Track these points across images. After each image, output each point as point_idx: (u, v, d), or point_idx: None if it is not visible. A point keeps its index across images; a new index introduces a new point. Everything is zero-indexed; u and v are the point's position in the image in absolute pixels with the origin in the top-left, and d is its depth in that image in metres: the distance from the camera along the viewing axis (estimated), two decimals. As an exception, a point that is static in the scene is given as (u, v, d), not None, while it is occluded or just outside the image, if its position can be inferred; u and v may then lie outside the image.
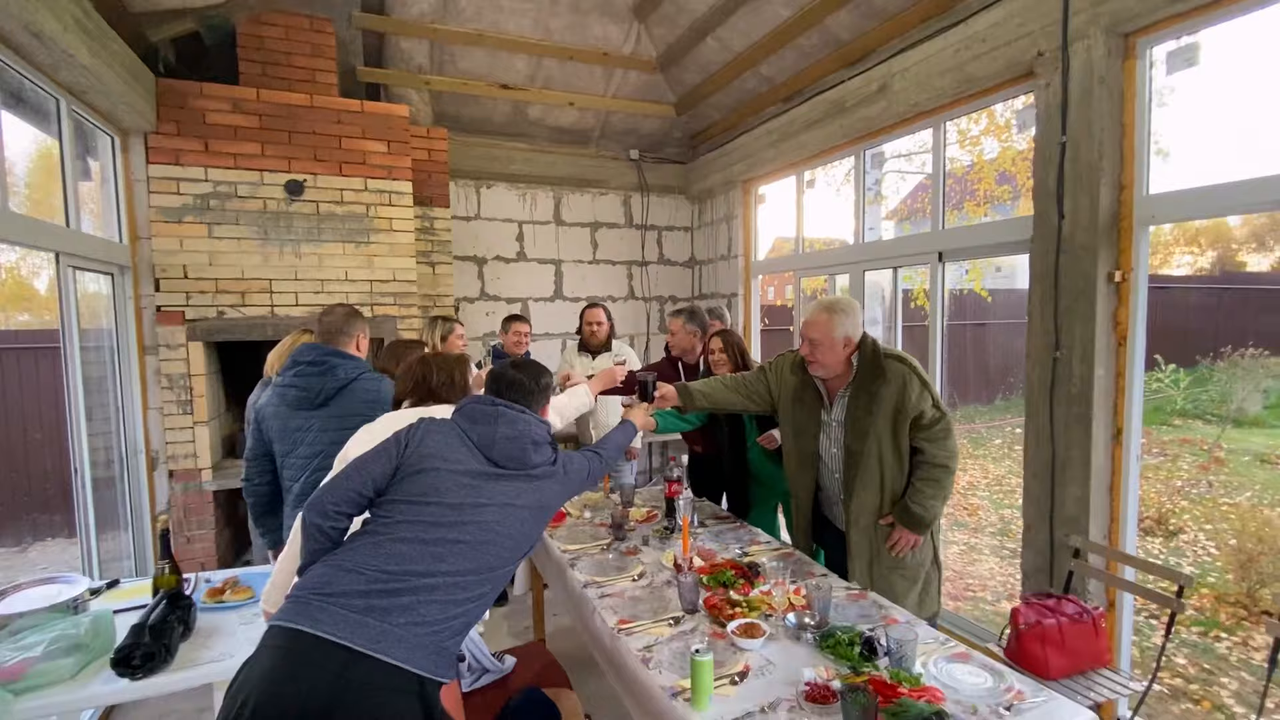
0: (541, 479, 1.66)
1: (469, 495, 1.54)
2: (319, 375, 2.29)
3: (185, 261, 3.49)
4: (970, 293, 8.89)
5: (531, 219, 5.14)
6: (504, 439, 1.63)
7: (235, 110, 3.54)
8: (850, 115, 3.64)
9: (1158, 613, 3.86)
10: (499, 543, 1.54)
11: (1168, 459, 6.98)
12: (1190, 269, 13.77)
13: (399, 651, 1.30)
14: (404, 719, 1.28)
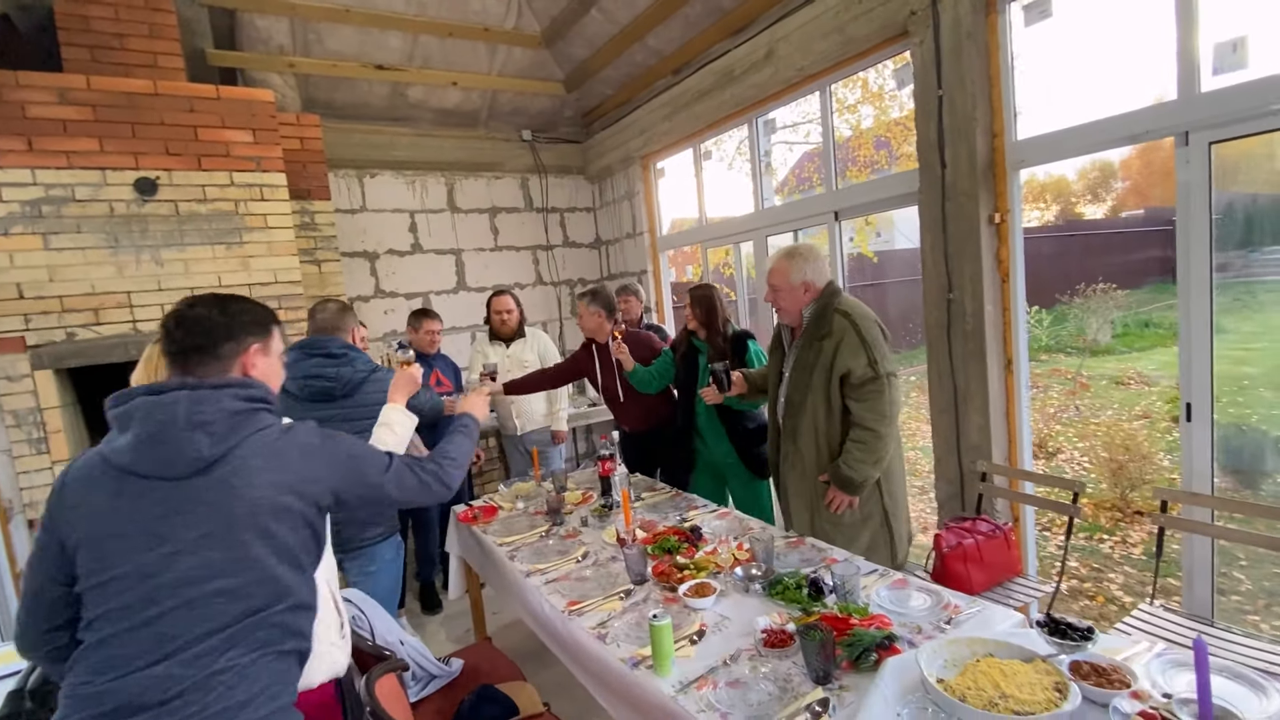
0: (230, 479, 1.16)
1: (146, 547, 1.12)
2: (343, 365, 2.30)
3: (18, 279, 3.01)
4: (858, 255, 9.42)
5: (424, 208, 4.87)
6: (142, 441, 1.14)
7: (62, 101, 3.08)
8: (740, 83, 3.70)
9: (1049, 524, 4.28)
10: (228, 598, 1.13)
11: (1040, 390, 7.73)
12: (1039, 222, 15.33)
13: None
14: None
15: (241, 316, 1.32)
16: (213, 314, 1.28)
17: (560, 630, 1.93)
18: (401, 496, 1.47)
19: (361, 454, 1.42)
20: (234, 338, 1.29)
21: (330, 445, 1.34)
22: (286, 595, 1.19)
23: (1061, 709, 1.19)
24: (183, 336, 1.25)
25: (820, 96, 3.47)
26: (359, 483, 1.38)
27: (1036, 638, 1.44)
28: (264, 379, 1.34)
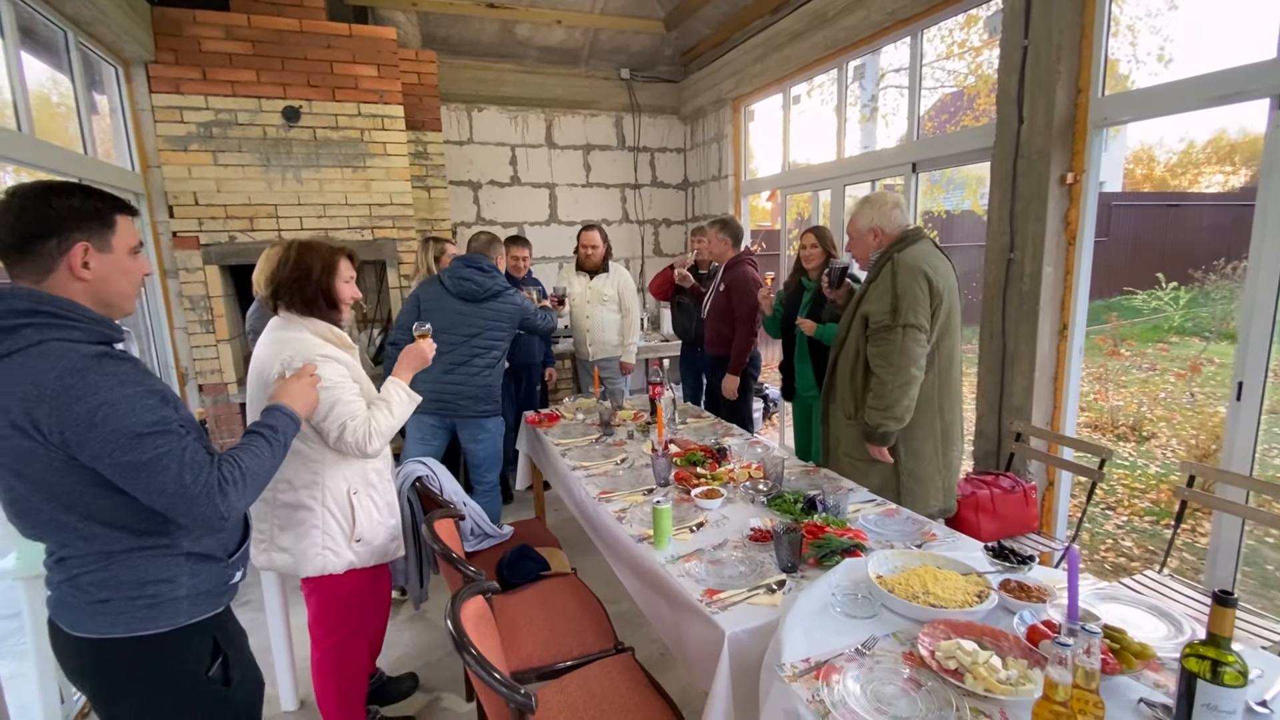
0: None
1: None
2: (487, 277, 2.96)
3: (195, 189, 3.67)
4: (968, 213, 8.87)
5: (524, 142, 5.22)
6: None
7: (228, 37, 3.63)
8: (832, 26, 3.66)
9: (1113, 504, 4.16)
10: (33, 500, 1.13)
11: (1155, 372, 7.15)
12: (1221, 188, 13.43)
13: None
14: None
15: (65, 209, 1.13)
16: (27, 206, 1.10)
17: (590, 512, 2.30)
18: (150, 493, 1.13)
19: (110, 419, 1.07)
20: (55, 234, 1.12)
21: (72, 391, 1.06)
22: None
23: (973, 608, 1.39)
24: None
25: (911, 41, 3.39)
26: (89, 447, 1.07)
27: (982, 559, 1.61)
28: (99, 281, 1.17)
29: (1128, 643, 1.23)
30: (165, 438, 1.13)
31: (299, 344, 1.76)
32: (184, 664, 1.26)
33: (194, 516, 1.18)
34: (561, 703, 1.64)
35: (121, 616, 1.19)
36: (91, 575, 1.17)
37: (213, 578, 1.30)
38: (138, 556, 1.20)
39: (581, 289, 4.15)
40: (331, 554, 1.83)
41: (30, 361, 1.06)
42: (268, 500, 1.83)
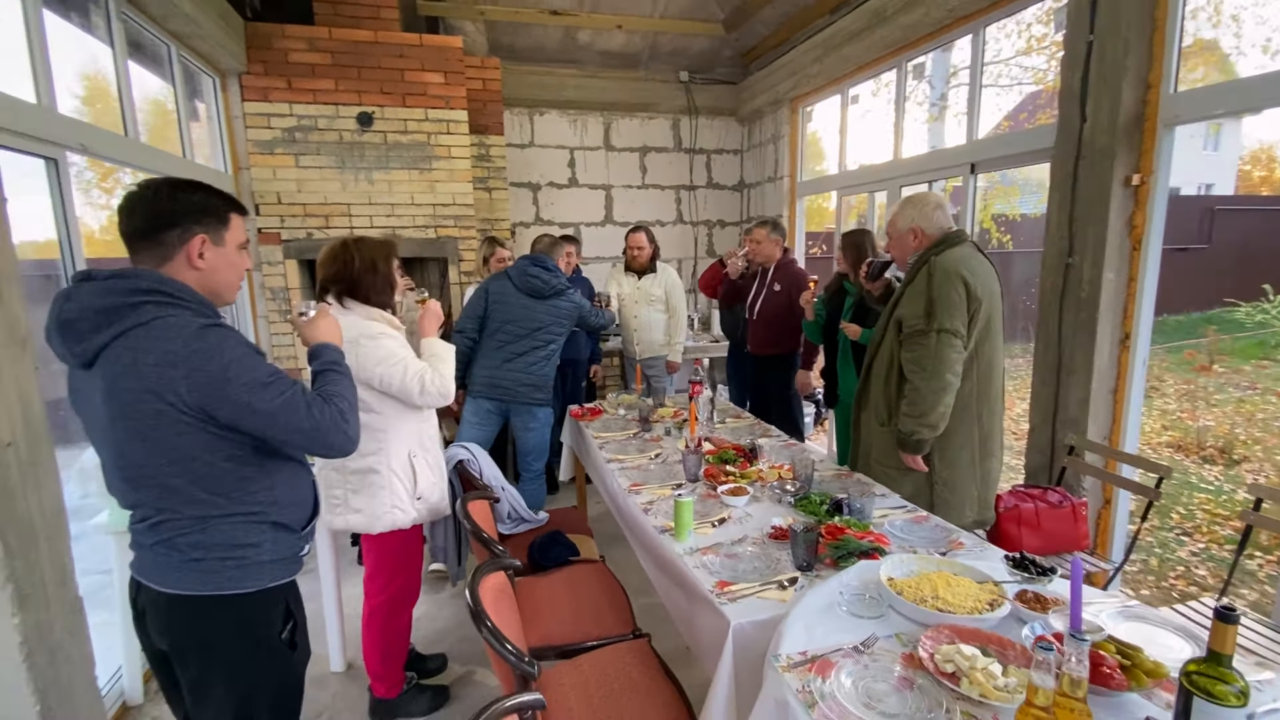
0: (110, 365, 1.18)
1: (79, 407, 1.30)
2: (551, 275, 3.16)
3: (278, 189, 3.99)
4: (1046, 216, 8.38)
5: (582, 145, 5.36)
6: (53, 328, 1.22)
7: (311, 49, 3.93)
8: (890, 24, 3.59)
9: (1190, 530, 3.88)
10: (148, 466, 1.24)
11: (1256, 393, 6.57)
12: None
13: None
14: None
15: (189, 204, 1.26)
16: (159, 197, 1.24)
17: (621, 502, 2.38)
18: (288, 432, 1.28)
19: (240, 373, 1.21)
20: (178, 224, 1.25)
21: (203, 354, 1.18)
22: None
23: (982, 615, 1.37)
24: (127, 220, 1.24)
25: (972, 40, 3.28)
26: (228, 402, 1.21)
27: (1001, 569, 1.58)
28: (210, 271, 1.30)
29: (1140, 660, 1.19)
30: (285, 383, 1.28)
31: (361, 324, 1.98)
32: (261, 624, 1.37)
33: (329, 445, 1.33)
34: (575, 679, 1.71)
35: (213, 576, 1.30)
36: (188, 537, 1.28)
37: (289, 546, 1.42)
38: (229, 522, 1.31)
39: (629, 289, 4.24)
40: (400, 511, 2.05)
41: (154, 333, 1.18)
42: (338, 468, 2.04)
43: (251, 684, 1.37)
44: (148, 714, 2.32)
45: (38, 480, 1.72)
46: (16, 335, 1.66)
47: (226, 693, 1.35)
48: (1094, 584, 2.34)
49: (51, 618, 1.73)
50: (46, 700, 1.68)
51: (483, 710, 1.07)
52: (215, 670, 1.34)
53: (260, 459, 1.34)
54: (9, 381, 1.62)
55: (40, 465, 1.73)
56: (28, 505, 1.67)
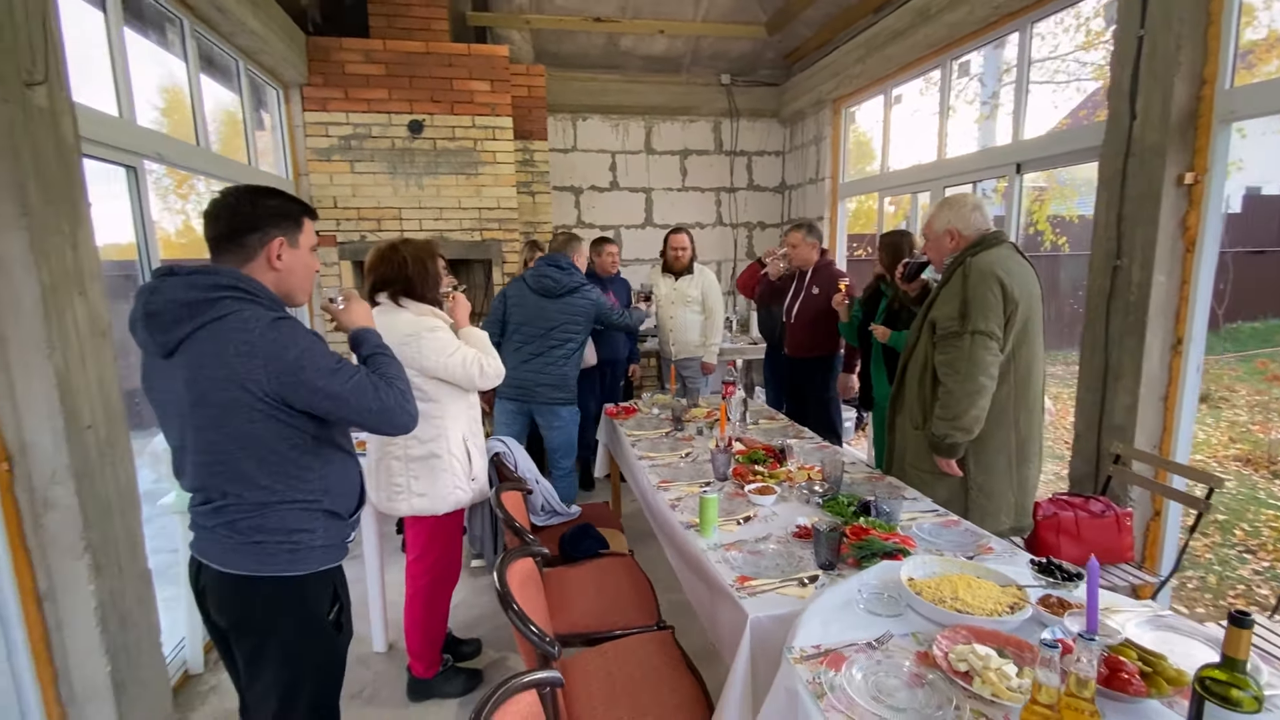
0: (192, 355, 1.29)
1: (155, 394, 1.40)
2: (564, 274, 3.17)
3: (335, 194, 4.21)
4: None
5: (624, 149, 5.44)
6: (139, 319, 1.32)
7: (367, 60, 4.13)
8: (934, 22, 3.53)
9: (1254, 548, 3.67)
10: (219, 450, 1.34)
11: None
12: None
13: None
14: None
15: (268, 209, 1.38)
16: (242, 204, 1.37)
17: (650, 499, 2.42)
18: (360, 413, 1.40)
19: (312, 361, 1.32)
20: (259, 229, 1.37)
21: (277, 344, 1.29)
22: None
23: (1002, 618, 1.37)
24: (212, 225, 1.37)
25: (1019, 37, 3.21)
26: (304, 387, 1.32)
27: (1027, 573, 1.56)
28: (287, 272, 1.42)
29: (1162, 668, 1.17)
30: (351, 369, 1.39)
31: (418, 320, 2.10)
32: (312, 605, 1.46)
33: (395, 425, 1.45)
34: (599, 665, 1.77)
35: (270, 558, 1.39)
36: (249, 520, 1.37)
37: (338, 533, 1.53)
38: (287, 509, 1.40)
39: (666, 290, 4.28)
40: (460, 491, 2.21)
41: (232, 324, 1.28)
42: (400, 458, 2.17)
43: (299, 660, 1.47)
44: (207, 683, 2.49)
45: (114, 461, 1.88)
46: (99, 327, 1.83)
47: (277, 667, 1.45)
48: (1140, 597, 2.25)
49: (123, 586, 1.89)
50: (116, 662, 1.84)
51: (501, 684, 1.13)
52: (268, 646, 1.44)
53: (318, 448, 1.44)
54: (91, 369, 1.78)
55: (116, 447, 1.89)
56: (104, 483, 1.83)
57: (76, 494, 1.70)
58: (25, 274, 1.59)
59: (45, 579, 1.70)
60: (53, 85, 1.68)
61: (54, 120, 1.69)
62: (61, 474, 1.68)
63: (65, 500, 1.69)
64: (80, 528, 1.72)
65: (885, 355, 3.08)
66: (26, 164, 1.58)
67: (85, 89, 1.92)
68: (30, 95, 1.61)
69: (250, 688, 1.48)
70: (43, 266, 1.62)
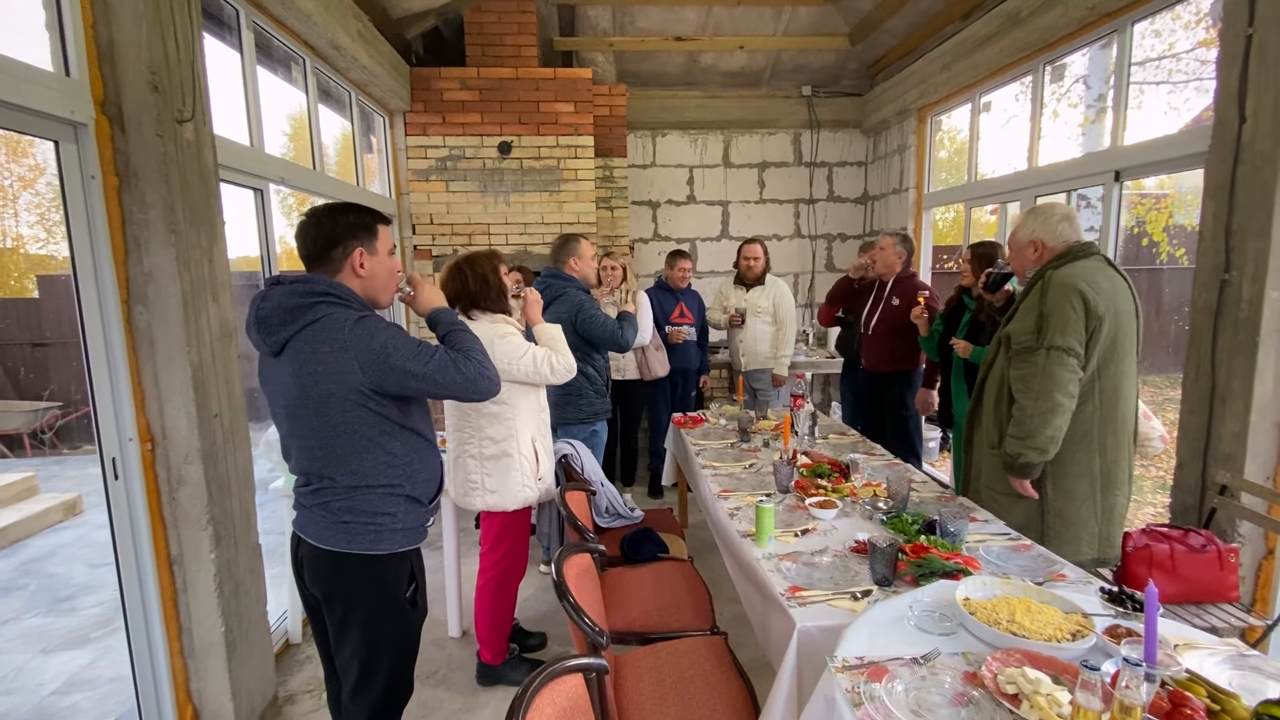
0: (296, 353, 1.47)
1: (267, 387, 1.59)
2: (543, 288, 3.06)
3: (431, 211, 4.55)
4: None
5: (701, 163, 5.52)
6: (252, 322, 1.52)
7: (462, 88, 4.45)
8: (1025, 27, 3.39)
9: None
10: (319, 436, 1.52)
11: None
12: None
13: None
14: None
15: (346, 224, 1.53)
16: (322, 223, 1.52)
17: (710, 506, 2.47)
18: (448, 387, 1.55)
19: (396, 348, 1.48)
20: (340, 243, 1.52)
21: (363, 339, 1.45)
22: (338, 465, 1.53)
23: (1060, 644, 1.32)
24: (301, 245, 1.54)
25: (1117, 39, 3.03)
26: (393, 371, 1.47)
27: (1096, 601, 1.48)
28: (370, 276, 1.56)
29: (1233, 707, 1.09)
30: (431, 349, 1.53)
31: (490, 329, 2.26)
32: (391, 582, 1.61)
33: (480, 392, 1.60)
34: (650, 663, 1.83)
35: (356, 537, 1.55)
36: (341, 502, 1.53)
37: (418, 518, 1.68)
38: (374, 493, 1.55)
39: (737, 300, 4.30)
40: (528, 489, 2.35)
41: (326, 324, 1.45)
42: (475, 457, 2.34)
43: (378, 631, 1.63)
44: (304, 652, 2.75)
45: (235, 446, 2.15)
46: (227, 329, 2.10)
47: (359, 636, 1.62)
48: (1246, 641, 2.05)
49: (238, 557, 2.15)
50: (229, 624, 2.09)
51: (548, 664, 1.22)
52: (353, 615, 1.61)
53: (404, 435, 1.60)
54: (219, 365, 2.05)
55: (237, 434, 2.17)
56: (226, 465, 2.10)
57: (204, 473, 1.96)
58: (171, 283, 1.86)
59: (176, 545, 1.97)
60: (198, 121, 1.97)
61: (198, 151, 1.98)
62: (193, 455, 1.94)
63: (195, 478, 1.95)
64: (205, 502, 1.98)
65: (966, 371, 2.97)
66: (175, 189, 1.86)
67: (221, 119, 2.23)
68: (180, 130, 1.89)
69: (338, 653, 1.65)
70: (184, 276, 1.89)
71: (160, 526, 1.94)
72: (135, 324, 1.87)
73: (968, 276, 3.06)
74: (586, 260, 3.13)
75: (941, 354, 3.23)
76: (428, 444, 1.69)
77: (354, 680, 1.63)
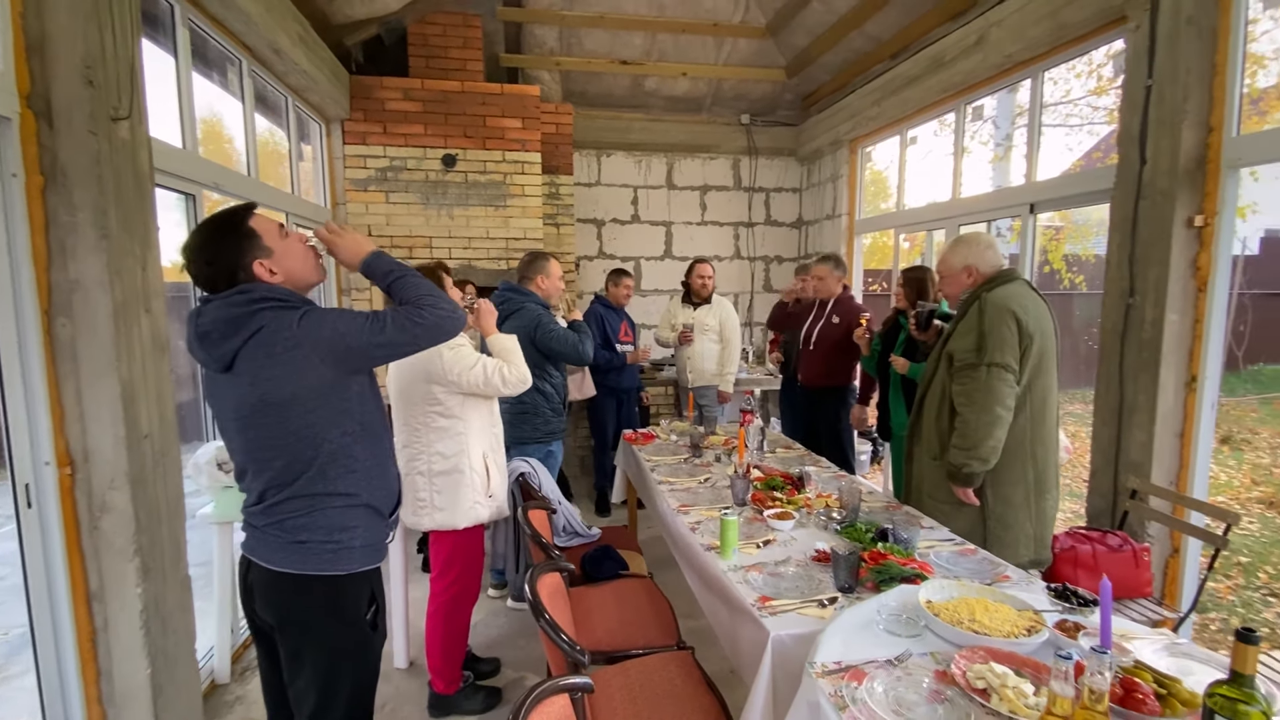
0: (249, 362, 1.40)
1: (217, 405, 1.51)
2: (523, 299, 3.02)
3: (370, 222, 4.39)
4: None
5: (646, 184, 5.62)
6: (193, 340, 1.44)
7: (405, 98, 4.35)
8: (949, 69, 3.68)
9: (1279, 590, 3.62)
10: (279, 445, 1.46)
11: (1367, 449, 6.05)
12: None
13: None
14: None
15: (228, 250, 1.43)
16: (203, 265, 1.44)
17: (669, 521, 2.48)
18: (414, 344, 1.51)
19: (348, 328, 1.44)
20: (237, 267, 1.43)
21: (313, 331, 1.41)
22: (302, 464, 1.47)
23: (1019, 640, 1.40)
24: (207, 288, 1.46)
25: (1031, 84, 3.33)
26: (354, 351, 1.44)
27: (1043, 598, 1.59)
28: (285, 272, 1.48)
29: (1177, 690, 1.20)
30: (381, 314, 1.46)
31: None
32: (351, 604, 1.53)
33: (448, 332, 1.53)
34: (620, 683, 1.81)
35: (313, 557, 1.47)
36: (296, 520, 1.45)
37: (377, 533, 1.60)
38: (333, 506, 1.48)
39: (685, 318, 4.38)
40: (480, 506, 2.27)
41: (273, 329, 1.40)
42: (424, 473, 2.25)
43: (339, 656, 1.54)
44: (233, 693, 2.54)
45: (165, 469, 1.99)
46: (159, 341, 1.95)
47: (317, 662, 1.52)
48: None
49: (166, 591, 1.98)
50: (156, 664, 1.91)
51: (538, 685, 1.19)
52: (309, 641, 1.52)
53: (365, 437, 1.54)
54: (151, 381, 1.90)
55: (168, 456, 2.00)
56: (156, 490, 1.93)
57: (132, 499, 1.80)
58: (101, 292, 1.72)
59: (96, 579, 1.79)
60: (134, 120, 1.83)
61: (133, 152, 1.84)
62: (119, 480, 1.78)
63: (121, 505, 1.79)
64: (133, 531, 1.81)
65: (904, 386, 3.14)
66: (108, 191, 1.72)
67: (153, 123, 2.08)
68: (114, 129, 1.76)
69: (292, 684, 1.54)
70: (116, 286, 1.75)
71: (78, 559, 1.76)
72: (56, 336, 1.70)
73: (901, 299, 3.26)
74: (554, 280, 3.12)
75: (880, 371, 3.40)
76: (384, 449, 1.64)
77: (310, 711, 1.53)
